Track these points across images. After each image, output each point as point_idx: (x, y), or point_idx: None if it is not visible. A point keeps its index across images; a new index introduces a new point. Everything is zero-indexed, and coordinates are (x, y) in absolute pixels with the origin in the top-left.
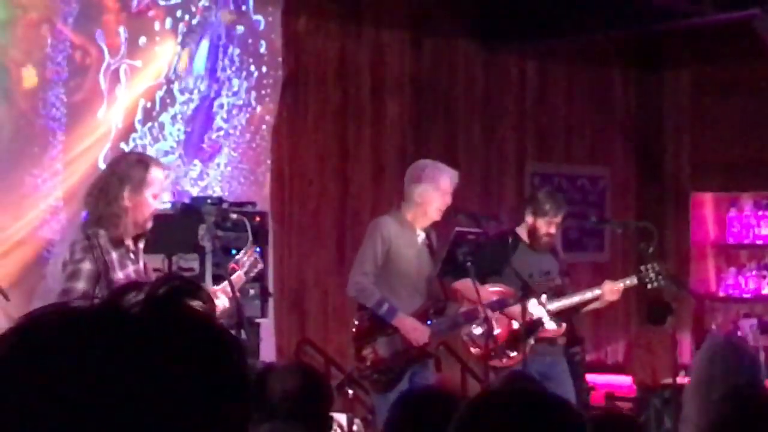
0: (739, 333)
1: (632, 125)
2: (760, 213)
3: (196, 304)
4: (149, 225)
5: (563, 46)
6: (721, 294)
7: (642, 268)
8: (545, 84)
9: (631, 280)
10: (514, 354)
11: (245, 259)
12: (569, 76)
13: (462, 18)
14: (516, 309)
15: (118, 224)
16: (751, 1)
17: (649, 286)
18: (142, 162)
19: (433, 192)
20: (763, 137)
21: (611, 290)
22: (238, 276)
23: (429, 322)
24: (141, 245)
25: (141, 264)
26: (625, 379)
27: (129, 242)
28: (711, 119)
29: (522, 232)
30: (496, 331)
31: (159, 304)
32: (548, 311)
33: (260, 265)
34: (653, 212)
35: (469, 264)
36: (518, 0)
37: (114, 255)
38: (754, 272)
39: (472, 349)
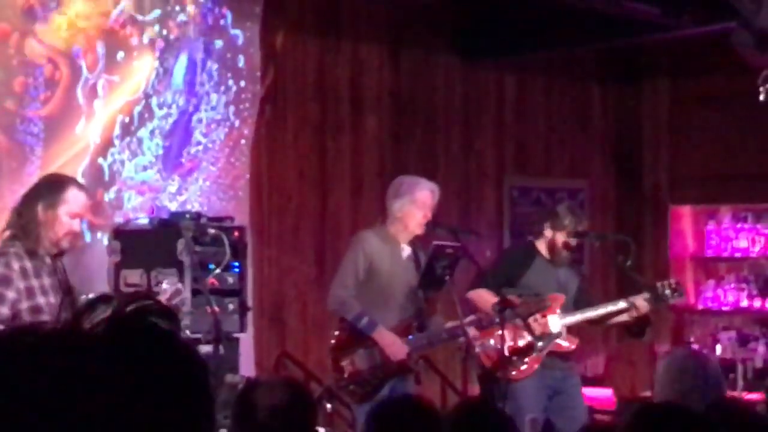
0: (718, 345)
1: (611, 138)
2: (739, 225)
3: (161, 322)
4: (65, 244)
5: (542, 60)
6: (700, 307)
7: (659, 284)
8: (524, 97)
9: (645, 297)
10: (524, 367)
11: (167, 287)
12: (548, 89)
13: (440, 32)
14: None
15: (29, 235)
16: (728, 15)
17: (663, 303)
18: (61, 181)
19: (411, 206)
20: (741, 150)
21: (639, 305)
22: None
23: (410, 337)
24: (60, 264)
25: (57, 280)
26: (604, 392)
27: (46, 257)
28: (689, 132)
29: (541, 245)
30: (509, 344)
31: (124, 323)
32: (564, 326)
33: (183, 295)
34: (632, 225)
35: (446, 277)
36: (497, 14)
37: (29, 264)
38: (732, 285)
39: (485, 361)
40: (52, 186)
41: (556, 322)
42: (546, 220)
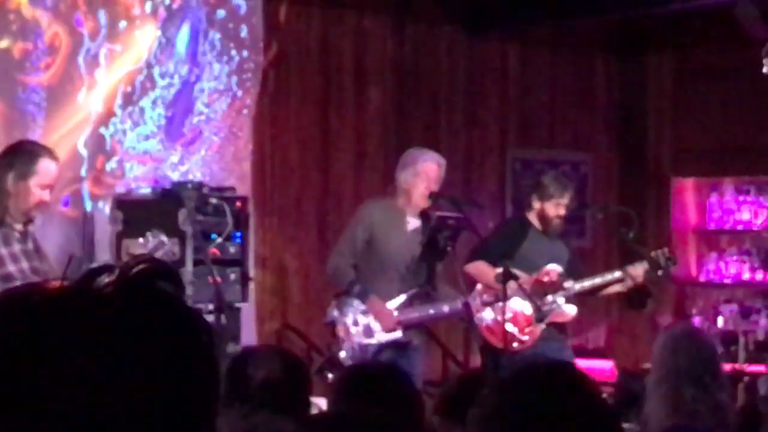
0: (720, 318)
1: (614, 111)
2: (741, 198)
3: (167, 285)
4: (35, 214)
5: (545, 32)
6: (702, 279)
7: (653, 253)
8: (527, 70)
9: (641, 266)
10: (525, 338)
11: (149, 240)
12: (551, 62)
13: (444, 4)
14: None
15: None
16: None
17: (660, 272)
18: (33, 151)
19: (414, 177)
20: (744, 122)
21: (635, 274)
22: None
23: (413, 309)
24: (30, 228)
25: (30, 245)
26: (606, 364)
27: (16, 224)
28: (692, 105)
29: (533, 217)
30: (509, 315)
31: (131, 285)
32: (564, 296)
33: (166, 247)
34: (635, 198)
35: (449, 249)
36: None
37: None
38: (734, 257)
39: (487, 334)
40: (23, 156)
41: (556, 296)
42: (533, 192)
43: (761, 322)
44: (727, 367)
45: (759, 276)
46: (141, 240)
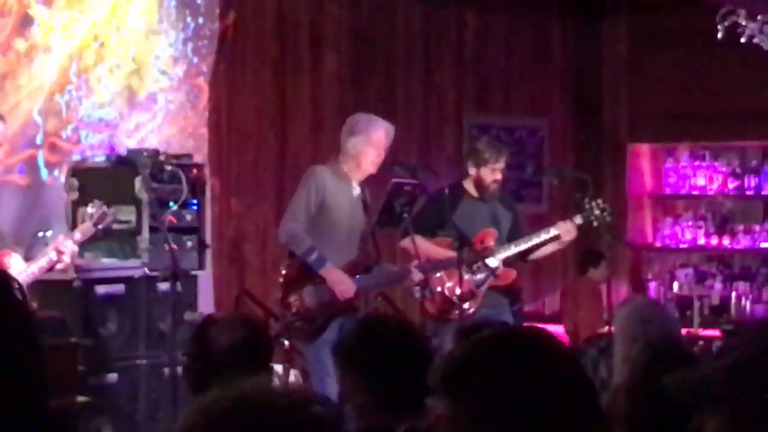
0: (675, 282)
1: (570, 76)
2: (697, 163)
3: None
4: None
5: None
6: (658, 244)
7: (587, 205)
8: (484, 35)
9: (578, 219)
10: (470, 308)
11: (92, 210)
12: (508, 27)
13: None
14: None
15: None
16: None
17: (595, 223)
18: None
19: (365, 145)
20: (700, 88)
21: (567, 230)
22: (86, 227)
23: (358, 277)
24: None
25: None
26: (560, 329)
27: None
28: (648, 70)
29: (468, 184)
30: (448, 285)
31: None
32: (501, 259)
33: (109, 218)
34: (591, 163)
35: (405, 215)
36: None
37: None
38: (690, 222)
39: (428, 306)
40: None
41: (492, 260)
42: (468, 159)
43: (716, 286)
44: (682, 331)
45: (714, 241)
46: (89, 209)
